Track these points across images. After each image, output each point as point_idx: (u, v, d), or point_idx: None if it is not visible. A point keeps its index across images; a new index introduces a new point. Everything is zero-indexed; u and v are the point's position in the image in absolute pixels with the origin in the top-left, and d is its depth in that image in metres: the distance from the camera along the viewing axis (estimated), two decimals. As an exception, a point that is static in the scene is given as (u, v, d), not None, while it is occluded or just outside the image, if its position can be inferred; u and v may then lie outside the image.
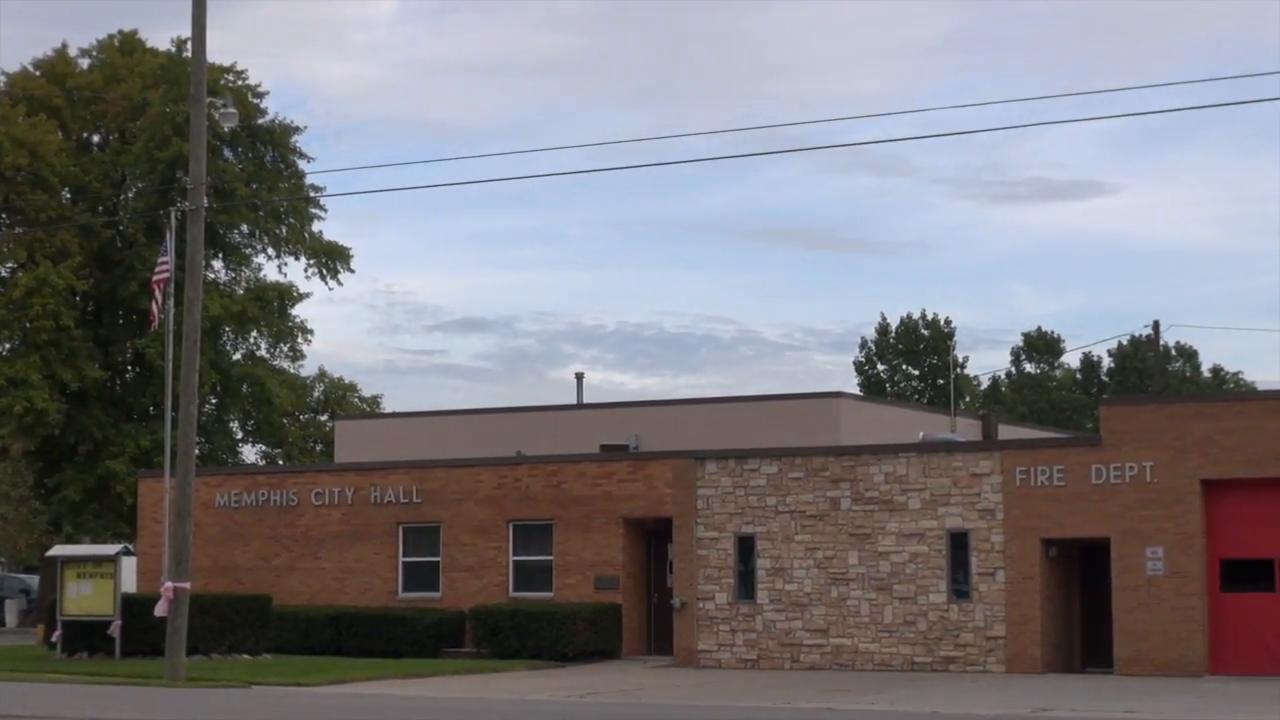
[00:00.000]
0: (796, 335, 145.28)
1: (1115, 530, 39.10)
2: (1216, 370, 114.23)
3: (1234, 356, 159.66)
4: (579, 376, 63.72)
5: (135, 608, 43.15)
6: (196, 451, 42.45)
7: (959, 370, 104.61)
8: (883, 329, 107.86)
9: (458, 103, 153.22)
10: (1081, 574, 41.37)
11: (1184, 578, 38.40)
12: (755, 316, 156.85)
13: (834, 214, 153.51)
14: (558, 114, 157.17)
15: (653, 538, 45.93)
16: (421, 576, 47.92)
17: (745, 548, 42.82)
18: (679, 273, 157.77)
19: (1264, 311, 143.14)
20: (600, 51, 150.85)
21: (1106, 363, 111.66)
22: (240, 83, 70.85)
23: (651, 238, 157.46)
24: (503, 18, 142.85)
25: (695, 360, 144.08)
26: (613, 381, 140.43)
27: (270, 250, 72.85)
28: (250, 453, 76.58)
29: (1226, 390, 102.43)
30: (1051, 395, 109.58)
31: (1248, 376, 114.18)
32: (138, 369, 71.56)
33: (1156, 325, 78.15)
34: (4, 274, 69.00)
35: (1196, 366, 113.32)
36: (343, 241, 74.01)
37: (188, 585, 38.20)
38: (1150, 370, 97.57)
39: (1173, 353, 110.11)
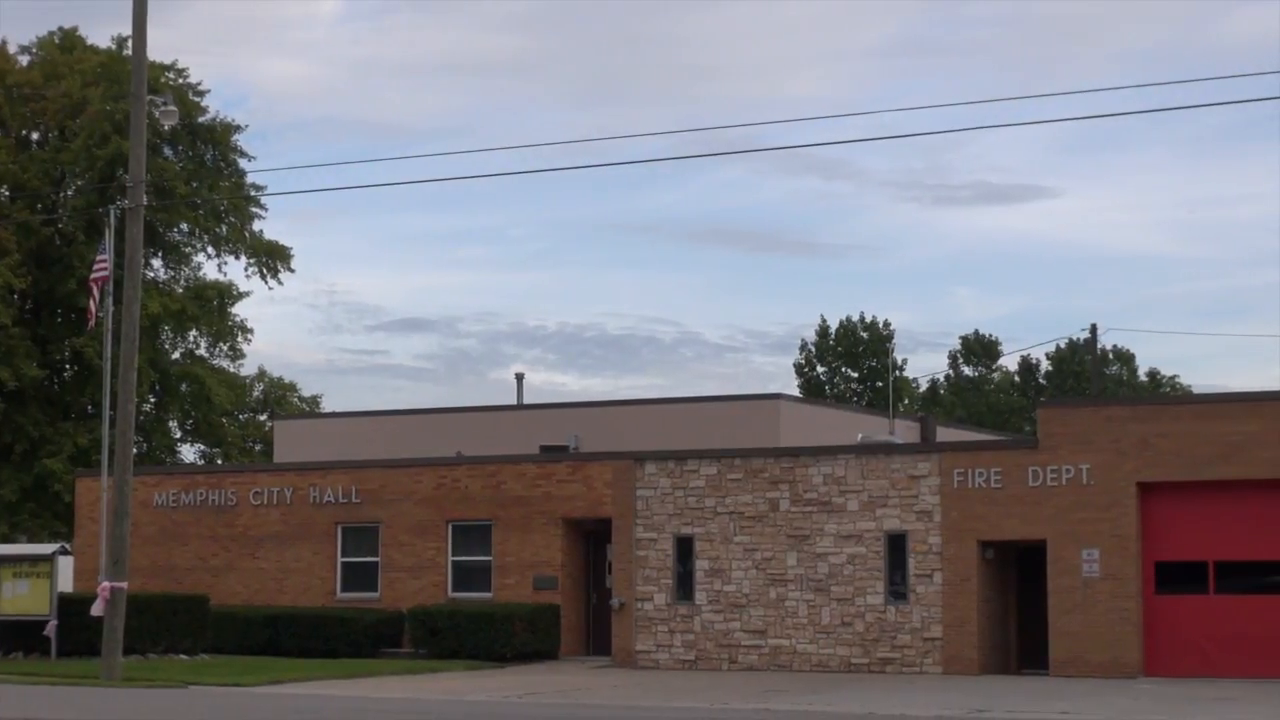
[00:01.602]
0: (738, 337, 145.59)
1: (1052, 532, 39.35)
2: (1153, 374, 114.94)
3: (1170, 360, 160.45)
4: (519, 377, 63.78)
5: (72, 607, 42.98)
6: (135, 451, 42.29)
7: (898, 373, 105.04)
8: (823, 331, 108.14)
9: (400, 102, 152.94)
10: (1018, 576, 41.62)
11: (1119, 580, 38.68)
12: (697, 318, 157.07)
13: (778, 216, 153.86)
14: (501, 114, 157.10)
15: (592, 538, 45.98)
16: (360, 577, 47.83)
17: (684, 549, 42.94)
18: (622, 274, 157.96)
19: (1201, 316, 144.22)
20: (544, 52, 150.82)
21: (1044, 366, 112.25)
22: (181, 81, 70.67)
23: (595, 239, 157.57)
24: (445, 18, 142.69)
25: (637, 361, 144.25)
26: (554, 382, 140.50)
27: (210, 249, 72.76)
28: (189, 452, 76.39)
29: (1163, 394, 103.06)
30: (989, 398, 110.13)
31: (1184, 380, 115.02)
32: (76, 367, 71.25)
33: (1094, 329, 78.65)
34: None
35: (1133, 370, 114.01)
36: (284, 241, 74.01)
37: (125, 585, 38.05)
38: (1088, 373, 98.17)
39: (1110, 356, 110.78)
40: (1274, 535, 38.23)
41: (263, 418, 78.94)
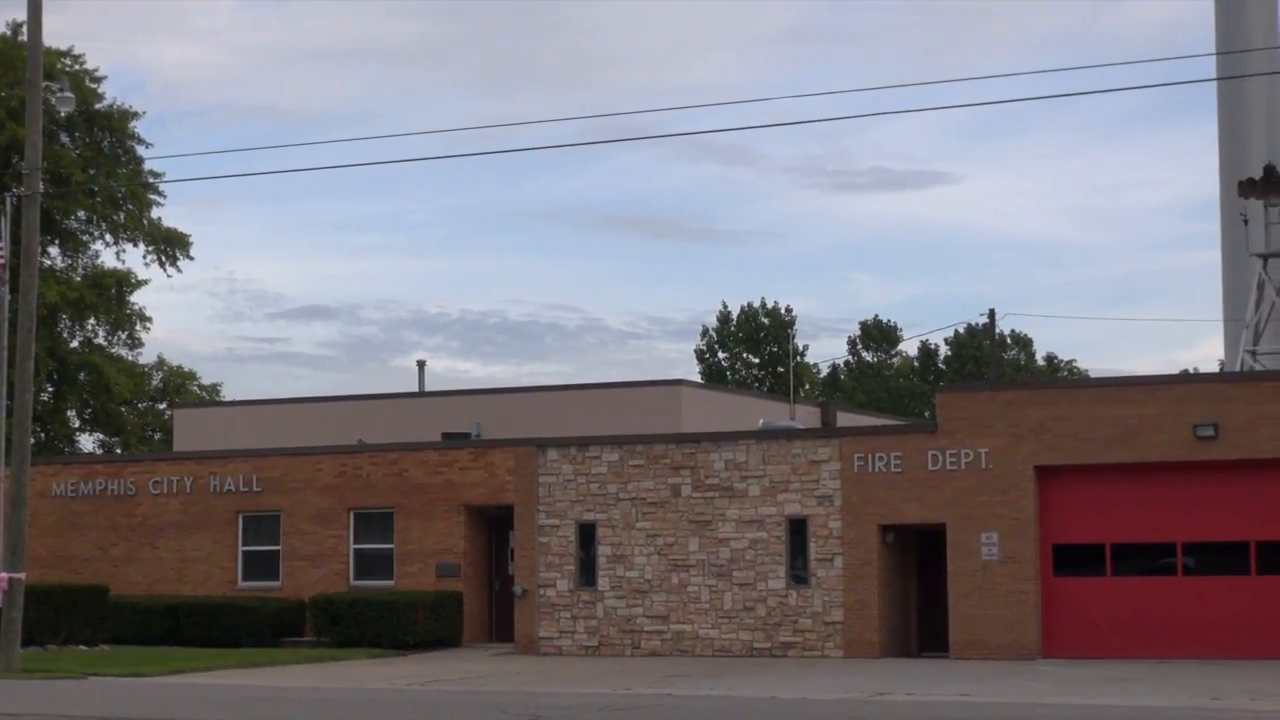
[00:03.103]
0: (641, 323, 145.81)
1: (951, 516, 39.64)
2: (1050, 358, 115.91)
3: (1068, 345, 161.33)
4: (421, 364, 63.67)
5: (-31, 598, 42.58)
6: (32, 440, 41.93)
7: (799, 358, 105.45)
8: (724, 317, 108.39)
9: (302, 88, 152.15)
10: (918, 560, 41.90)
11: (1018, 563, 39.01)
12: (600, 305, 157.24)
13: (680, 202, 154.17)
14: (403, 100, 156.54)
15: (494, 525, 45.97)
16: (261, 565, 47.63)
17: (586, 535, 42.99)
18: (524, 261, 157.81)
19: (1097, 301, 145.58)
20: (447, 38, 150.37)
21: (943, 351, 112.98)
22: (77, 67, 70.02)
23: (497, 225, 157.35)
24: (348, 4, 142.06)
25: (539, 348, 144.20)
26: (457, 370, 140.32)
27: (108, 237, 72.17)
28: (87, 441, 75.75)
29: (1060, 378, 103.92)
30: (889, 383, 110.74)
31: (1081, 365, 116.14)
32: (-29, 356, 70.45)
33: (992, 314, 79.22)
34: None
35: (1031, 355, 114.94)
36: (184, 228, 73.64)
37: (23, 575, 37.73)
38: (986, 358, 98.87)
39: (1008, 341, 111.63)
40: (1169, 517, 38.67)
41: (162, 406, 78.34)
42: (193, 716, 26.95)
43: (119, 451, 72.21)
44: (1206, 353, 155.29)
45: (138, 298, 73.91)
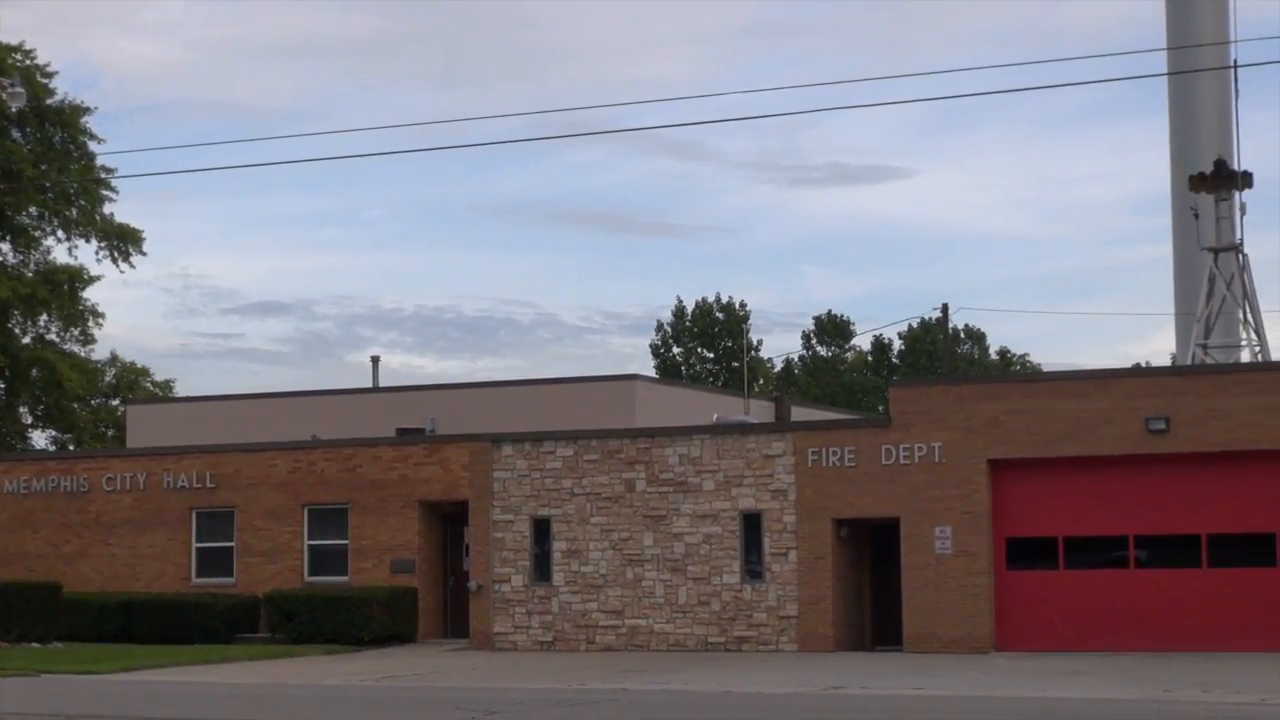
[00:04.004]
0: (596, 318, 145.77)
1: (905, 510, 39.76)
2: (1004, 352, 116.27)
3: (1021, 339, 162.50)
4: (375, 360, 63.49)
5: (-79, 596, 42.41)
6: (-16, 437, 41.77)
7: (753, 353, 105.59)
8: (679, 312, 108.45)
9: (255, 84, 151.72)
10: (872, 553, 42.02)
11: (971, 556, 39.16)
12: (555, 300, 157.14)
13: (635, 197, 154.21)
14: (357, 95, 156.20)
15: (449, 521, 45.92)
16: (215, 562, 47.48)
17: (541, 530, 43.01)
18: (479, 256, 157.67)
19: (1050, 295, 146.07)
20: (400, 33, 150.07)
21: (897, 345, 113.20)
22: (28, 62, 69.63)
23: (452, 221, 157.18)
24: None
25: (494, 343, 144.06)
26: (411, 365, 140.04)
27: (60, 232, 71.80)
28: (40, 438, 75.39)
29: (1013, 372, 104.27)
30: (843, 378, 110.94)
31: (1034, 359, 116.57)
32: (-77, 353, 70.15)
33: (945, 308, 79.31)
34: None
35: (985, 349, 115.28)
36: (137, 224, 73.32)
37: (-25, 573, 37.60)
38: (940, 353, 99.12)
39: (962, 335, 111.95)
40: (1122, 510, 38.87)
41: (115, 403, 78.05)
42: (146, 714, 26.88)
43: (72, 448, 71.91)
44: (1158, 346, 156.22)
45: (90, 294, 73.67)
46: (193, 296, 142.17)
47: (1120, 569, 39.08)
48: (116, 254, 72.10)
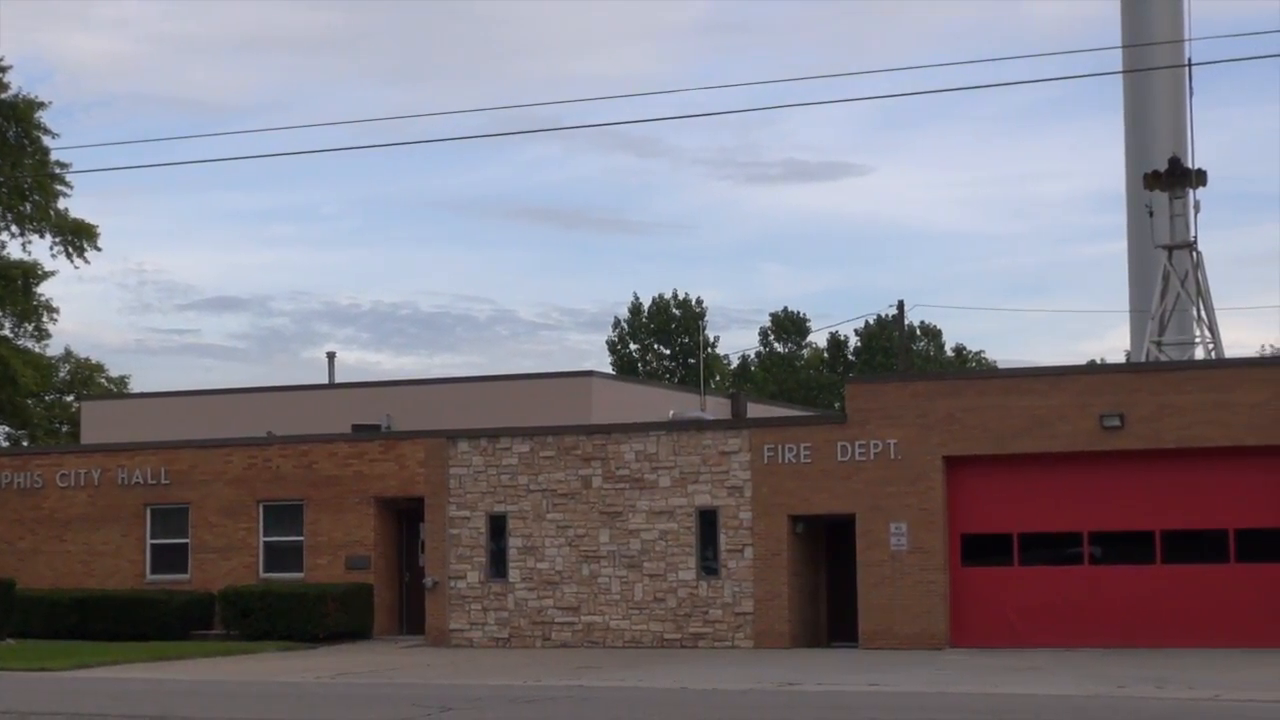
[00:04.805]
0: (553, 315, 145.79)
1: (860, 507, 39.83)
2: (959, 349, 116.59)
3: (976, 336, 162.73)
4: (330, 356, 63.38)
5: (-127, 593, 42.18)
6: (-63, 433, 41.57)
7: (710, 350, 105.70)
8: (635, 309, 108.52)
9: (211, 79, 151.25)
10: (828, 550, 42.08)
11: (926, 553, 39.25)
12: (512, 296, 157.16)
13: (592, 194, 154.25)
14: (313, 91, 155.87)
15: (405, 517, 45.87)
16: (170, 558, 47.35)
17: (497, 526, 42.98)
18: (436, 252, 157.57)
19: (1005, 292, 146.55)
20: (357, 28, 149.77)
21: (853, 342, 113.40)
22: (-19, 57, 69.31)
23: (409, 217, 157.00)
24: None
25: (450, 340, 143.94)
26: (367, 361, 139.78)
27: (14, 228, 71.47)
28: (-7, 434, 75.12)
29: (968, 369, 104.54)
30: (800, 374, 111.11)
31: (989, 355, 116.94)
32: (-125, 350, 69.75)
33: (901, 305, 79.38)
34: None
35: (940, 346, 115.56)
36: (92, 219, 72.96)
37: (-72, 569, 37.42)
38: (895, 349, 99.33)
39: (917, 332, 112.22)
40: (1076, 507, 38.98)
41: (70, 399, 77.79)
42: (100, 711, 26.78)
43: (25, 444, 71.62)
44: (1113, 343, 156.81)
45: (45, 289, 73.45)
46: (148, 292, 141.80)
47: (1075, 565, 39.20)
48: (71, 249, 71.80)
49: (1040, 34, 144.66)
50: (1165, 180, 50.98)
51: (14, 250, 72.16)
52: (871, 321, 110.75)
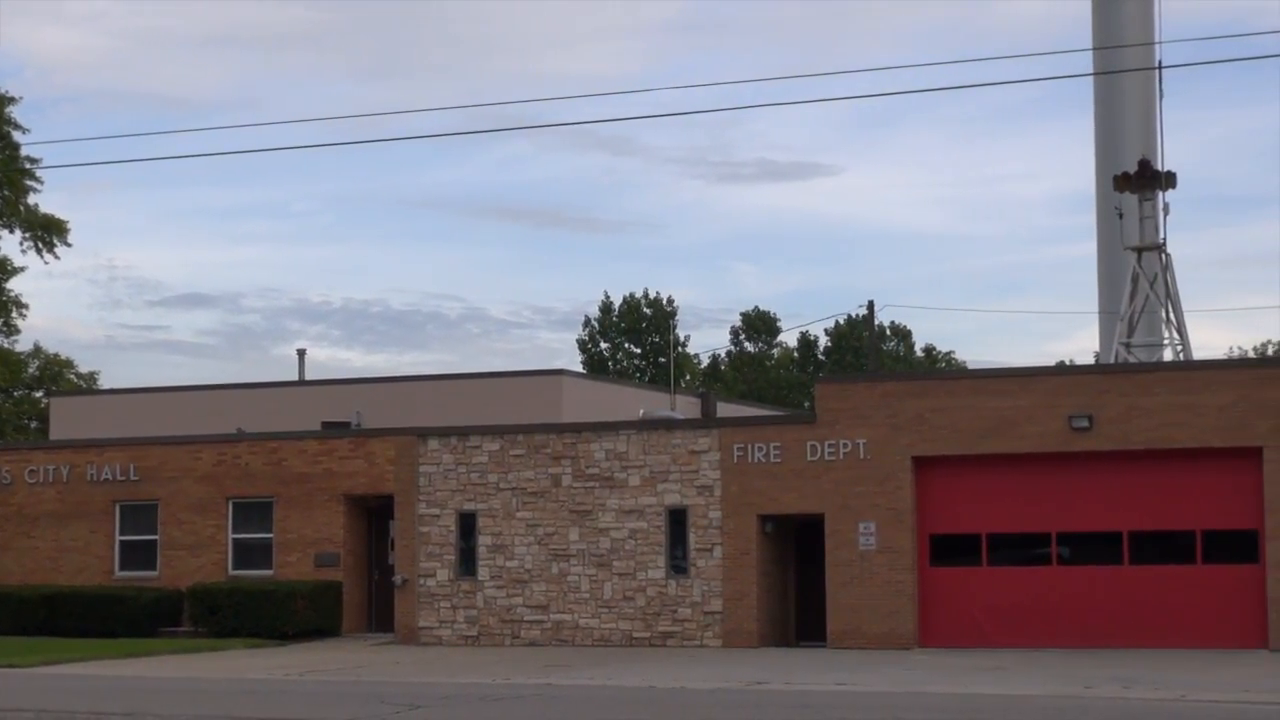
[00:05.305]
0: (524, 313, 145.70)
1: (829, 506, 39.91)
2: (929, 350, 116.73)
3: (945, 336, 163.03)
4: (301, 353, 63.30)
5: None
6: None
7: (680, 349, 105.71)
8: (606, 307, 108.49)
9: (182, 74, 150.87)
10: (797, 550, 42.16)
11: (895, 553, 39.35)
12: (483, 294, 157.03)
13: (564, 192, 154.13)
14: (285, 88, 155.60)
15: (374, 515, 45.83)
16: (139, 555, 47.23)
17: (467, 524, 42.99)
18: (407, 250, 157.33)
19: (975, 293, 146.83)
20: (328, 25, 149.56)
21: (823, 342, 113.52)
22: (-49, 51, 69.12)
23: (380, 214, 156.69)
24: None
25: (421, 337, 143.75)
26: (338, 359, 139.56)
27: (-16, 223, 71.30)
28: (-39, 430, 74.88)
29: (937, 369, 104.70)
30: (770, 374, 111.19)
31: (959, 356, 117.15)
32: None
33: (871, 305, 79.53)
34: None
35: (910, 346, 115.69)
36: (62, 214, 72.65)
37: (-105, 565, 37.31)
38: (865, 349, 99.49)
39: (887, 332, 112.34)
40: (1044, 508, 39.11)
41: (39, 395, 77.57)
42: (65, 707, 26.74)
43: (-6, 440, 71.41)
44: (1081, 345, 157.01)
45: (14, 285, 73.24)
46: (118, 288, 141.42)
47: (1043, 566, 39.32)
48: (41, 245, 71.63)
49: (1012, 35, 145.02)
50: (1135, 182, 51.14)
51: (-16, 246, 72.02)
52: (842, 321, 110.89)
